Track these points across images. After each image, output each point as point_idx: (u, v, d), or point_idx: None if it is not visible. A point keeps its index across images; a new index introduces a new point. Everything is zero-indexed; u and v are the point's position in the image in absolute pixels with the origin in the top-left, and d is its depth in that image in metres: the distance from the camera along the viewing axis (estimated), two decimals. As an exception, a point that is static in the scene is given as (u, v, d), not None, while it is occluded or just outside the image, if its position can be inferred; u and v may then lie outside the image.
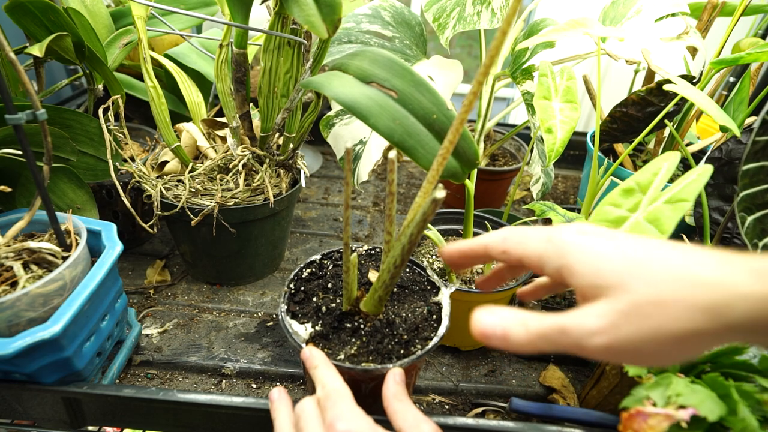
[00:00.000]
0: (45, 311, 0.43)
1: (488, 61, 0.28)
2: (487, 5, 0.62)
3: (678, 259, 0.23)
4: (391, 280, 0.38)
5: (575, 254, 0.26)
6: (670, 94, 0.56)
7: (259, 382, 0.57)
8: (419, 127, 0.38)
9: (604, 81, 1.37)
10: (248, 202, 0.60)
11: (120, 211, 0.70)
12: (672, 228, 0.35)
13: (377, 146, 0.59)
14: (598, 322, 0.23)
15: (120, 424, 0.50)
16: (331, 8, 0.43)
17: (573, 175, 1.10)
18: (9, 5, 0.52)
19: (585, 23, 0.53)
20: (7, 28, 0.52)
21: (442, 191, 0.30)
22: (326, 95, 0.39)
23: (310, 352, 0.38)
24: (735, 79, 0.77)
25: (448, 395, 0.56)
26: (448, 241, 0.68)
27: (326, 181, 1.01)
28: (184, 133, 0.64)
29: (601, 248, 0.25)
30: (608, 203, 0.40)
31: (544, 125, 0.50)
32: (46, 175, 0.44)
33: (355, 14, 0.68)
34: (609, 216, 0.39)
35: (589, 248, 0.25)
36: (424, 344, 0.42)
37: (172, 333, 0.62)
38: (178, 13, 0.55)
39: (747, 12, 0.66)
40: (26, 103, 0.49)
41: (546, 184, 0.68)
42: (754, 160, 0.43)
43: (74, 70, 1.01)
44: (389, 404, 0.34)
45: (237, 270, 0.69)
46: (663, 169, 0.39)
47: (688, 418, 0.33)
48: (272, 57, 0.53)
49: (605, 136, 0.67)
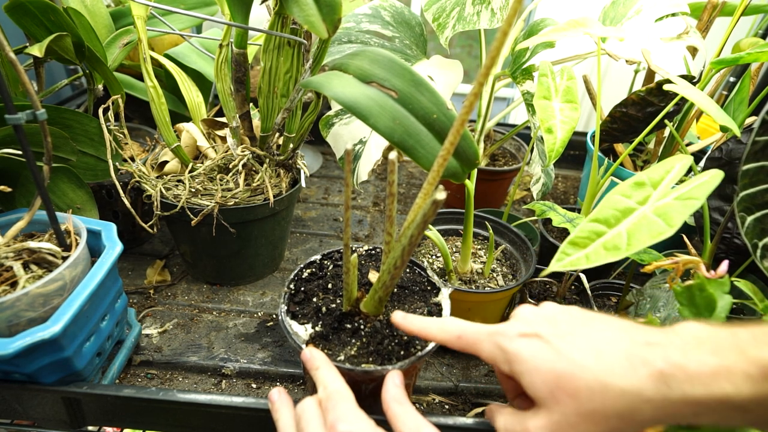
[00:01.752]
0: (45, 311, 0.43)
1: (489, 62, 0.28)
2: (487, 5, 0.62)
3: (596, 368, 0.27)
4: (392, 280, 0.38)
5: (519, 364, 0.30)
6: (670, 94, 0.56)
7: (259, 382, 0.57)
8: (419, 126, 0.38)
9: (604, 81, 1.37)
10: (248, 202, 0.60)
11: (120, 211, 0.70)
12: (680, 223, 0.35)
13: (377, 146, 0.59)
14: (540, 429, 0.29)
15: (120, 424, 0.50)
16: (331, 8, 0.43)
17: (573, 175, 1.10)
18: (9, 5, 0.52)
19: (585, 23, 0.53)
20: (7, 28, 0.52)
21: (443, 193, 0.30)
22: (326, 95, 0.39)
23: (311, 353, 0.38)
24: (735, 79, 0.77)
25: (448, 395, 0.56)
26: (448, 241, 0.68)
27: (326, 181, 1.01)
28: (184, 133, 0.64)
29: (538, 360, 0.29)
30: (618, 192, 0.40)
31: (544, 125, 0.50)
32: (46, 175, 0.44)
33: (355, 14, 0.68)
34: (618, 205, 0.39)
35: (529, 359, 0.30)
36: (425, 345, 0.42)
37: (172, 333, 0.62)
38: (178, 13, 0.55)
39: (747, 12, 0.66)
40: (26, 103, 0.49)
41: (546, 184, 0.68)
42: (754, 160, 0.43)
43: (74, 70, 1.01)
44: (389, 407, 0.34)
45: (237, 270, 0.69)
46: (675, 168, 0.40)
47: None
48: (272, 57, 0.53)
49: (605, 136, 0.67)
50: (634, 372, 0.26)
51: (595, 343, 0.28)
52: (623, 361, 0.27)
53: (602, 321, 0.31)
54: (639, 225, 0.37)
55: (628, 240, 0.36)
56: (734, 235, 0.53)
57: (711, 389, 0.24)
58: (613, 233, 0.38)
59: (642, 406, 0.26)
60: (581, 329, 0.30)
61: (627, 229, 0.37)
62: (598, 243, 0.38)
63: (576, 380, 0.27)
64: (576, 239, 0.39)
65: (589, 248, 0.38)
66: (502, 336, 0.32)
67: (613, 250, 0.36)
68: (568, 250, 0.38)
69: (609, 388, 0.26)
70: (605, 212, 0.39)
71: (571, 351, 0.28)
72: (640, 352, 0.27)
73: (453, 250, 0.66)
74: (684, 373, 0.25)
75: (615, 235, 0.37)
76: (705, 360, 0.25)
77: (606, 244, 0.37)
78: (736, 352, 0.25)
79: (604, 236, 0.38)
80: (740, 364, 0.24)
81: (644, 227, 0.36)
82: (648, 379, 0.26)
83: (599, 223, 0.39)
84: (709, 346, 0.25)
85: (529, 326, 0.31)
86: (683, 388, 0.25)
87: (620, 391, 0.26)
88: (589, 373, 0.27)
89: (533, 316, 0.33)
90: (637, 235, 0.36)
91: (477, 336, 0.33)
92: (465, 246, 0.59)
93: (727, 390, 0.24)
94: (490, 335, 0.33)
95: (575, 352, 0.28)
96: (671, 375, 0.25)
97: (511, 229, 0.66)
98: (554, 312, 0.33)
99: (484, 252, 0.66)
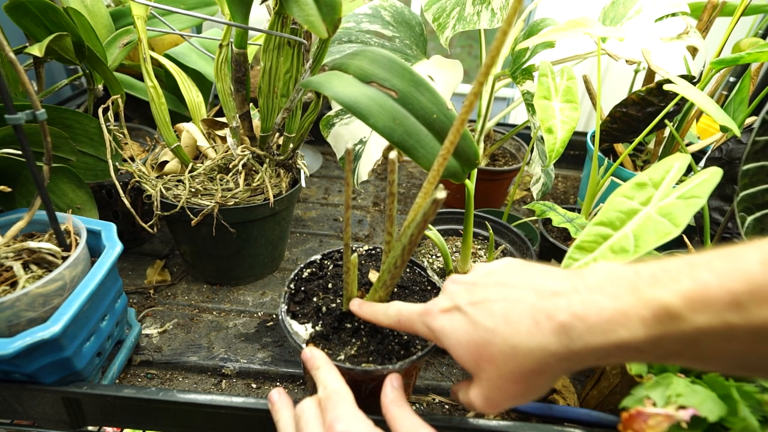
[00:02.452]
0: (45, 311, 0.43)
1: (489, 62, 0.28)
2: (487, 5, 0.62)
3: (505, 332, 0.29)
4: (392, 280, 0.38)
5: (445, 341, 0.32)
6: (670, 94, 0.56)
7: (259, 382, 0.57)
8: (419, 126, 0.38)
9: (604, 81, 1.37)
10: (248, 202, 0.60)
11: (120, 211, 0.70)
12: (686, 223, 0.35)
13: (377, 146, 0.59)
14: (478, 401, 0.31)
15: (120, 424, 0.50)
16: (331, 8, 0.43)
17: (573, 175, 1.10)
18: (9, 5, 0.52)
19: (585, 23, 0.53)
20: (7, 28, 0.52)
21: (443, 192, 0.30)
22: (326, 95, 0.39)
23: (312, 353, 0.38)
24: (735, 79, 0.77)
25: (448, 395, 0.56)
26: (448, 241, 0.68)
27: (326, 181, 1.01)
28: (184, 133, 0.64)
29: (458, 334, 0.31)
30: (621, 194, 0.40)
31: (544, 125, 0.50)
32: (46, 175, 0.44)
33: (355, 14, 0.68)
34: (621, 207, 0.39)
35: (450, 335, 0.32)
36: (425, 345, 0.42)
37: (172, 333, 0.62)
38: (178, 13, 0.55)
39: (747, 12, 0.66)
40: (26, 103, 0.49)
41: (546, 184, 0.68)
42: (754, 160, 0.43)
43: (74, 70, 1.01)
44: (388, 410, 0.34)
45: (237, 270, 0.69)
46: (674, 167, 0.40)
47: (688, 418, 0.33)
48: (272, 57, 0.53)
49: (605, 136, 0.67)
50: (538, 329, 0.27)
51: (506, 305, 0.29)
52: (529, 320, 0.28)
53: (519, 273, 0.32)
54: (645, 226, 0.37)
55: (636, 242, 0.36)
56: (734, 235, 0.53)
57: (608, 337, 0.25)
58: (620, 235, 0.38)
59: (550, 360, 0.27)
60: (496, 291, 0.31)
61: (633, 231, 0.37)
62: (605, 246, 0.38)
63: (491, 347, 0.29)
64: (582, 243, 0.38)
65: (596, 252, 0.38)
66: (428, 316, 0.33)
67: (621, 253, 0.36)
68: (576, 254, 0.38)
69: (518, 349, 0.28)
70: (610, 214, 0.39)
71: (485, 319, 0.30)
72: (545, 305, 0.28)
73: (453, 249, 0.66)
74: (584, 323, 0.26)
75: (621, 237, 0.37)
76: (604, 305, 0.26)
77: (613, 246, 0.37)
78: (633, 295, 0.25)
79: (610, 239, 0.38)
80: (635, 307, 0.25)
81: (650, 228, 0.36)
82: (551, 335, 0.27)
83: (604, 226, 0.39)
84: (609, 290, 0.26)
85: (449, 299, 0.33)
86: (584, 338, 0.26)
87: (528, 350, 0.28)
88: (500, 338, 0.29)
89: (454, 286, 0.34)
90: (643, 236, 0.36)
91: (411, 317, 0.35)
92: (465, 246, 0.59)
93: (623, 336, 0.25)
94: (420, 316, 0.34)
95: (488, 319, 0.30)
96: (572, 326, 0.26)
97: (511, 229, 0.66)
98: (476, 275, 0.34)
99: (484, 252, 0.66)
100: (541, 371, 0.28)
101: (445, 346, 0.32)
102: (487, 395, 0.31)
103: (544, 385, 0.30)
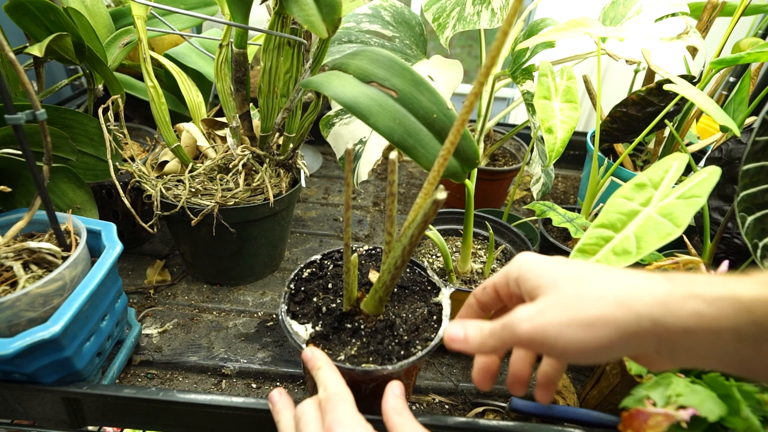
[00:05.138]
0: (45, 311, 0.43)
1: (489, 62, 0.28)
2: (487, 5, 0.62)
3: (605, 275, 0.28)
4: (392, 280, 0.38)
5: (527, 265, 0.32)
6: (670, 94, 0.56)
7: (259, 382, 0.57)
8: (419, 126, 0.38)
9: (604, 81, 1.37)
10: (248, 202, 0.60)
11: (120, 211, 0.70)
12: (687, 223, 0.35)
13: (377, 146, 0.59)
14: (528, 312, 0.28)
15: (120, 424, 0.50)
16: (331, 8, 0.43)
17: (573, 175, 1.10)
18: (9, 5, 0.52)
19: (585, 23, 0.53)
20: (7, 28, 0.52)
21: (443, 192, 0.30)
22: (326, 95, 0.39)
23: (313, 353, 0.38)
24: (735, 79, 0.77)
25: (448, 395, 0.56)
26: (448, 241, 0.68)
27: (326, 181, 1.01)
28: (184, 133, 0.64)
29: (546, 264, 0.31)
30: (620, 195, 0.40)
31: (544, 125, 0.50)
32: (45, 175, 0.44)
33: (355, 14, 0.68)
34: (621, 208, 0.39)
35: (537, 264, 0.31)
36: (425, 345, 0.42)
37: (172, 333, 0.62)
38: (178, 13, 0.55)
39: (747, 12, 0.66)
40: (26, 103, 0.49)
41: (546, 184, 0.68)
42: (754, 160, 0.43)
43: (74, 70, 1.01)
44: (389, 418, 0.34)
45: (237, 270, 0.69)
46: (673, 167, 0.40)
47: (688, 418, 0.33)
48: (272, 57, 0.53)
49: (605, 136, 0.67)
50: (642, 277, 0.27)
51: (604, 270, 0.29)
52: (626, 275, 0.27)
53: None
54: (646, 227, 0.37)
55: (638, 243, 0.36)
56: (734, 235, 0.53)
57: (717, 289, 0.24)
58: (621, 237, 0.37)
59: (642, 295, 0.26)
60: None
61: (635, 232, 0.37)
62: (607, 248, 0.37)
63: (584, 275, 0.28)
64: (584, 246, 0.38)
65: (598, 254, 0.38)
66: (520, 255, 0.33)
67: (624, 255, 0.36)
68: (578, 257, 0.38)
69: (616, 281, 0.27)
70: (610, 216, 0.39)
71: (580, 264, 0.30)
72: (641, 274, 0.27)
73: (453, 249, 0.66)
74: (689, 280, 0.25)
75: (623, 239, 0.37)
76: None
77: (615, 248, 0.37)
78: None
79: (612, 241, 0.38)
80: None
81: (651, 229, 0.36)
82: (659, 278, 0.26)
83: (606, 228, 0.39)
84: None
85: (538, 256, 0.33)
86: (687, 285, 0.25)
87: (629, 287, 0.26)
88: (600, 277, 0.28)
89: None
90: (645, 237, 0.36)
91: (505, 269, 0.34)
92: (465, 246, 0.59)
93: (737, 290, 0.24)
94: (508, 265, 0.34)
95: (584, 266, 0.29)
96: (676, 276, 0.26)
97: (511, 228, 0.66)
98: None
99: (484, 252, 0.66)
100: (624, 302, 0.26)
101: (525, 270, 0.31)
102: (542, 310, 0.28)
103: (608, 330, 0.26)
